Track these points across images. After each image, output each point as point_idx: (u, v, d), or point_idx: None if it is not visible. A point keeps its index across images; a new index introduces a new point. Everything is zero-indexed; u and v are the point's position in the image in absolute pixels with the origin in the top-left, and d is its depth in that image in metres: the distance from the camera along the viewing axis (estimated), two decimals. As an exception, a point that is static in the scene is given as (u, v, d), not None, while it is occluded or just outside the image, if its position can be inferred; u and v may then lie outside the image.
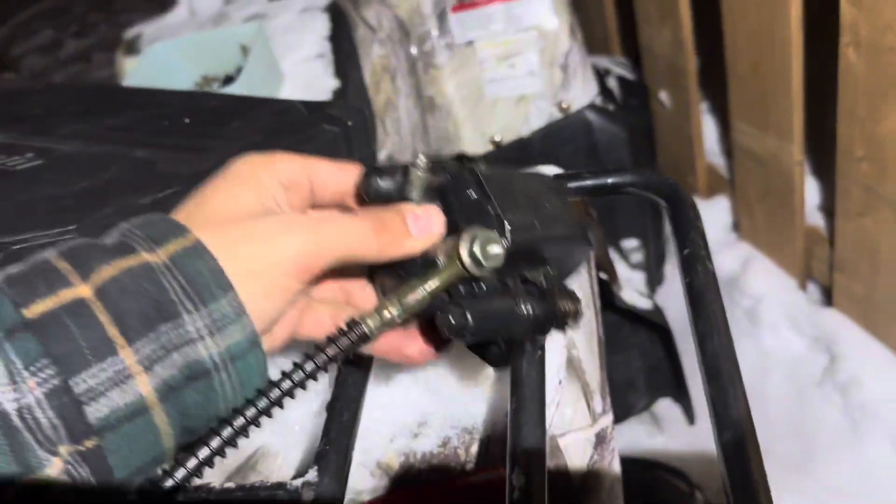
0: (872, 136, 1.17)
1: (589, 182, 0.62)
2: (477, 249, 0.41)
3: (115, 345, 0.33)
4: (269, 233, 0.39)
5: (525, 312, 0.41)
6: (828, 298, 1.51)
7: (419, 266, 0.44)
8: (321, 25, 1.10)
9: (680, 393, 1.25)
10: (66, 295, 0.33)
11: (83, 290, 0.34)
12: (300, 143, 0.70)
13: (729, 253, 1.68)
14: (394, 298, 0.41)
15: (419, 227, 0.43)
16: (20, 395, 0.31)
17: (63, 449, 0.32)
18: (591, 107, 1.37)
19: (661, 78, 1.75)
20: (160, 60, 1.06)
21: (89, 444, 0.33)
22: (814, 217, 1.50)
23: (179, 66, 1.06)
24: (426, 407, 0.57)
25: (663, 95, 1.76)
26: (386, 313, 0.41)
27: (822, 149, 1.46)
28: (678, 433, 1.38)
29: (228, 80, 1.05)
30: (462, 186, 0.43)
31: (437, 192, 0.44)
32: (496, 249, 0.41)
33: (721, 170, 1.73)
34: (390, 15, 1.28)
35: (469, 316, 0.39)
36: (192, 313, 0.35)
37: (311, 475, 0.47)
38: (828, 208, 1.45)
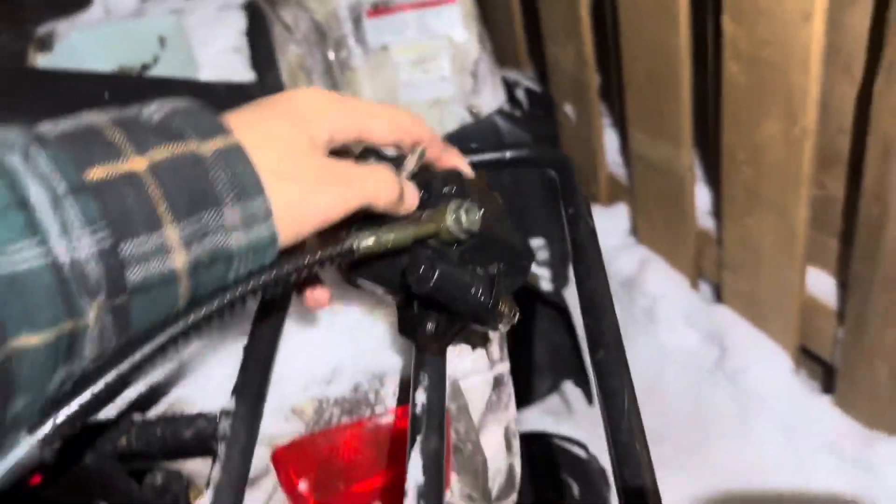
0: (752, 141, 1.29)
1: (489, 156, 0.68)
2: (461, 212, 0.47)
3: (162, 220, 0.37)
4: (303, 176, 0.42)
5: (476, 293, 0.47)
6: (718, 296, 1.62)
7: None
8: (238, 21, 1.13)
9: (581, 376, 1.32)
10: (122, 167, 0.36)
11: (138, 165, 0.37)
12: (219, 119, 0.73)
13: (628, 256, 1.78)
14: (385, 228, 0.45)
15: (409, 198, 0.48)
16: (74, 249, 0.34)
17: (98, 301, 0.35)
18: (500, 112, 1.45)
19: (566, 92, 1.85)
20: (76, 52, 1.07)
21: (120, 301, 0.36)
22: (704, 220, 1.62)
23: (95, 56, 1.07)
24: (339, 355, 0.61)
25: (568, 108, 1.86)
26: (372, 240, 0.45)
27: (712, 156, 1.58)
28: (585, 415, 1.45)
29: (145, 69, 1.07)
30: (445, 182, 0.49)
31: (424, 182, 0.50)
32: (475, 215, 0.47)
33: (621, 178, 1.83)
34: (307, 17, 1.32)
35: (436, 271, 0.45)
36: (231, 206, 0.39)
37: (230, 404, 0.50)
38: (717, 212, 1.57)
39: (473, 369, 0.61)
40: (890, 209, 1.07)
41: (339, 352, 0.61)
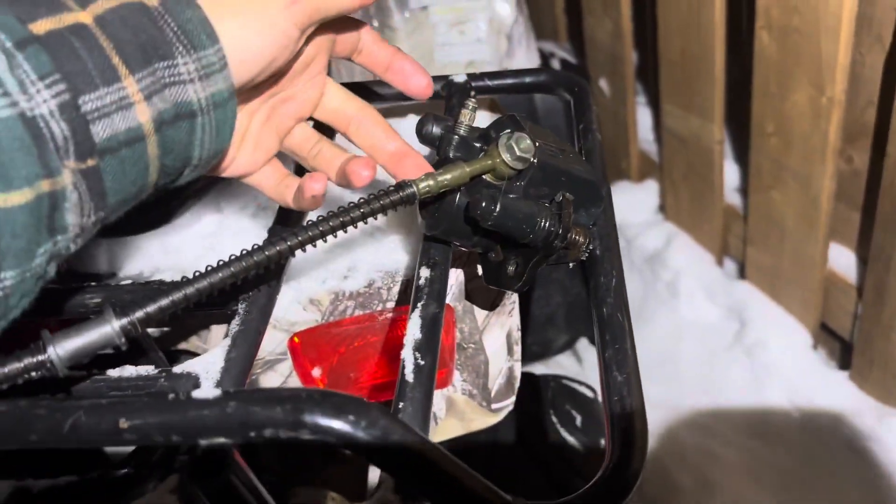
0: (781, 111, 1.30)
1: (508, 80, 0.72)
2: (512, 142, 0.49)
3: (118, 72, 0.35)
4: (248, 7, 0.41)
5: (542, 224, 0.48)
6: (741, 273, 1.63)
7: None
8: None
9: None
10: (67, 18, 0.35)
11: (84, 17, 0.35)
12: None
13: (654, 232, 1.80)
14: (439, 171, 0.48)
15: None
16: (34, 104, 0.33)
17: (69, 163, 0.34)
18: (533, 77, 1.47)
19: (602, 66, 1.87)
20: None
21: (91, 162, 0.35)
22: (731, 197, 1.63)
23: None
24: (356, 252, 0.65)
25: (602, 83, 1.88)
26: (431, 182, 0.47)
27: (741, 134, 1.59)
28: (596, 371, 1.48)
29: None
30: (502, 127, 0.52)
31: (481, 133, 0.53)
32: (526, 142, 0.49)
33: (652, 155, 1.85)
34: (350, -27, 1.37)
35: (497, 205, 0.46)
36: (184, 56, 0.38)
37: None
38: (744, 188, 1.58)
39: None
40: (912, 177, 1.08)
41: (357, 249, 0.65)
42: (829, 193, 1.28)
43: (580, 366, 1.44)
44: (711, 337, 1.57)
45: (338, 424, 0.33)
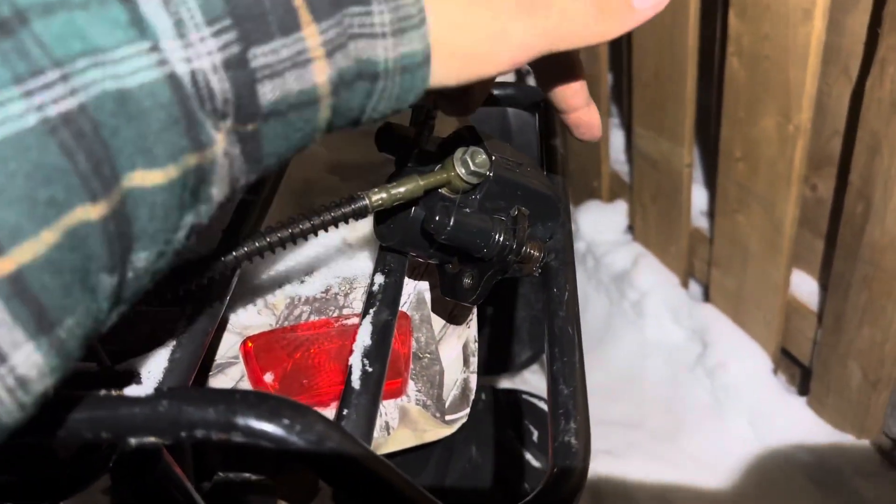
0: (748, 137, 1.32)
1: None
2: (467, 156, 0.48)
3: (300, 19, 0.28)
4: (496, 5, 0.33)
5: (496, 239, 0.48)
6: (706, 295, 1.65)
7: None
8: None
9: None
10: None
11: None
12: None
13: (622, 252, 1.81)
14: (393, 184, 0.47)
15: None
16: (193, 57, 0.26)
17: (225, 127, 0.28)
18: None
19: (577, 86, 1.88)
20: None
21: (251, 127, 0.29)
22: (698, 219, 1.65)
23: None
24: (313, 257, 0.65)
25: (578, 102, 1.90)
26: (384, 195, 0.46)
27: (709, 158, 1.61)
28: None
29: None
30: (460, 138, 0.51)
31: (440, 144, 0.52)
32: (481, 157, 0.48)
33: (623, 176, 1.86)
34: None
35: (451, 219, 0.46)
36: (380, 3, 0.30)
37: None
38: (711, 212, 1.59)
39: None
40: (873, 206, 1.10)
41: (315, 254, 0.65)
42: (792, 219, 1.30)
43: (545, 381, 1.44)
44: (675, 358, 1.59)
45: (271, 428, 0.32)
